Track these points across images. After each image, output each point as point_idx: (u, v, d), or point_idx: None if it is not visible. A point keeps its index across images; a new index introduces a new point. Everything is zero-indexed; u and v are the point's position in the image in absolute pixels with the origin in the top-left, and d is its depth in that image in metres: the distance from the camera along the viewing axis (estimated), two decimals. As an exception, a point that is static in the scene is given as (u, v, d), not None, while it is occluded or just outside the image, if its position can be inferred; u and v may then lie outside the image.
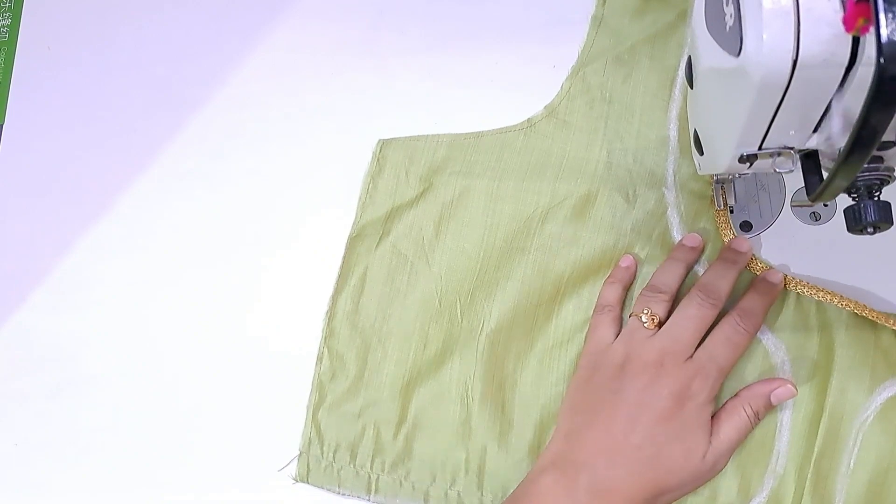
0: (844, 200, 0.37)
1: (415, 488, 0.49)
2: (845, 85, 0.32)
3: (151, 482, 0.52)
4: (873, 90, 0.28)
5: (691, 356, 0.45)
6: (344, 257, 0.54)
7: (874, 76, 0.27)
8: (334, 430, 0.50)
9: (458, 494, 0.48)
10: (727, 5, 0.34)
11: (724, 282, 0.47)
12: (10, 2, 0.66)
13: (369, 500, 0.49)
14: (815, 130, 0.36)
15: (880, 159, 0.36)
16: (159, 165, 0.59)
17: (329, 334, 0.53)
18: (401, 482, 0.49)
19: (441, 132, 0.56)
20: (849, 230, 0.37)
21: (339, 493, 0.50)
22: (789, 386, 0.46)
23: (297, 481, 0.50)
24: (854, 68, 0.31)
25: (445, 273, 0.52)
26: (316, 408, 0.51)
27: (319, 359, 0.52)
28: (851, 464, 0.45)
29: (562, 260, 0.51)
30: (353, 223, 0.55)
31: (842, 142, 0.33)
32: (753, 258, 0.49)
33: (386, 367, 0.51)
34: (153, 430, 0.53)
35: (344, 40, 0.60)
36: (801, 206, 0.51)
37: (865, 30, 0.28)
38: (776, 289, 0.48)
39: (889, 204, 0.36)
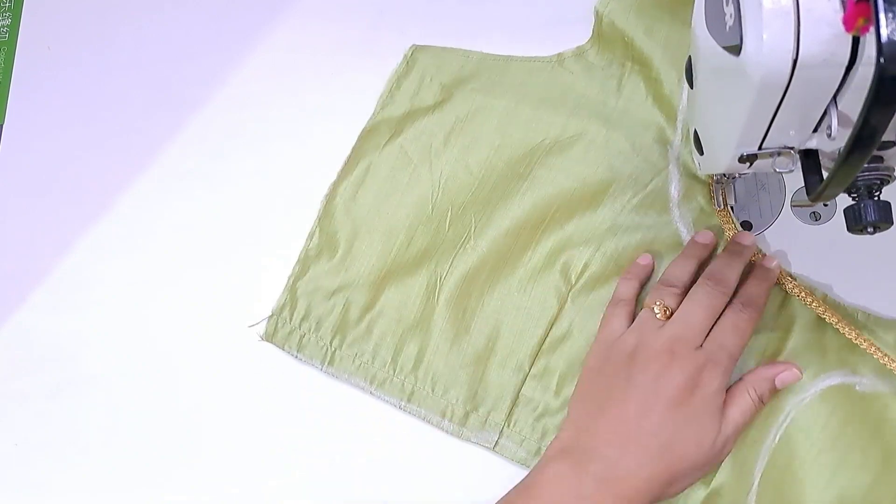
0: (844, 200, 0.37)
1: (365, 369, 0.52)
2: (845, 85, 0.32)
3: (151, 482, 0.52)
4: (873, 90, 0.28)
5: (701, 345, 0.45)
6: (353, 148, 0.56)
7: (874, 76, 0.27)
8: (306, 300, 0.53)
9: (402, 382, 0.51)
10: (727, 5, 0.34)
11: (731, 271, 0.47)
12: (10, 2, 0.66)
13: (322, 370, 0.52)
14: (815, 130, 0.36)
15: (880, 159, 0.36)
16: (159, 165, 0.59)
17: (324, 215, 0.55)
18: (353, 359, 0.52)
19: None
20: (849, 230, 0.37)
21: (296, 358, 0.53)
22: (794, 370, 0.46)
23: (262, 339, 0.53)
24: (854, 68, 0.31)
25: (444, 182, 0.54)
26: (296, 278, 0.54)
27: (310, 236, 0.55)
28: (776, 438, 0.46)
29: (555, 192, 0.53)
30: (370, 117, 0.57)
31: (842, 142, 0.33)
32: (729, 217, 0.50)
33: (368, 256, 0.54)
34: (153, 430, 0.53)
35: (344, 40, 0.60)
36: (801, 206, 0.51)
37: (865, 30, 0.28)
38: (773, 273, 0.48)
39: (889, 204, 0.36)
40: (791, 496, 0.45)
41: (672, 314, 0.46)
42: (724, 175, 0.49)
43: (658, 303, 0.47)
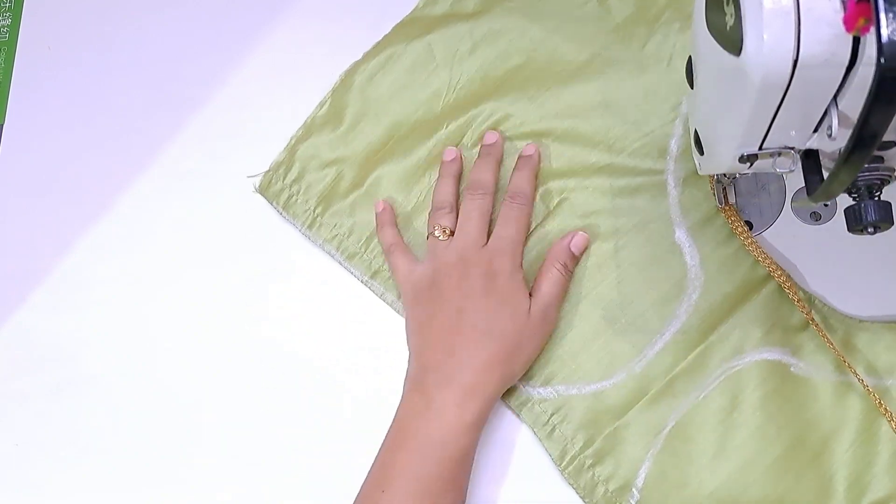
0: (844, 200, 0.37)
1: (340, 240, 0.55)
2: (846, 85, 0.32)
3: (151, 482, 0.52)
4: (874, 90, 0.28)
5: (486, 244, 0.50)
6: (385, 35, 0.58)
7: (874, 76, 0.27)
8: (302, 164, 0.56)
9: (371, 261, 0.54)
10: (727, 5, 0.34)
11: (486, 173, 0.52)
12: (10, 2, 0.66)
13: (301, 231, 0.55)
14: (815, 130, 0.36)
15: (881, 159, 0.36)
16: (159, 165, 0.59)
17: (339, 87, 0.57)
18: (331, 229, 0.55)
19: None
20: (849, 230, 0.37)
21: (280, 214, 0.56)
22: (582, 233, 0.51)
23: (256, 191, 0.56)
24: (854, 68, 0.31)
25: (459, 88, 0.56)
26: (298, 141, 0.57)
27: (321, 104, 0.57)
28: (700, 397, 0.48)
29: (555, 116, 0.54)
30: (410, 11, 0.59)
31: (842, 142, 0.33)
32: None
33: (370, 137, 0.56)
34: (153, 430, 0.53)
35: (344, 40, 0.60)
36: (801, 206, 0.51)
37: (866, 30, 0.28)
38: (533, 159, 0.53)
39: (889, 204, 0.36)
40: (699, 446, 0.47)
41: (451, 231, 0.50)
42: (725, 175, 0.49)
43: (437, 227, 0.51)
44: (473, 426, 0.46)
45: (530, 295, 0.49)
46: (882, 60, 0.27)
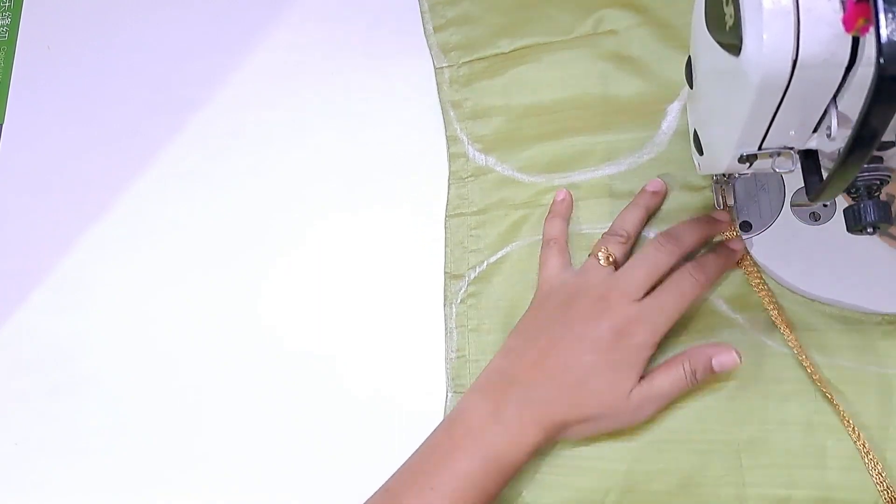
0: (844, 200, 0.37)
1: None
2: (845, 85, 0.32)
3: (151, 482, 0.52)
4: (873, 90, 0.28)
5: (641, 299, 0.46)
6: None
7: (874, 76, 0.27)
8: None
9: None
10: (727, 5, 0.34)
11: (689, 234, 0.48)
12: (10, 2, 0.66)
13: None
14: (815, 130, 0.36)
15: (880, 159, 0.36)
16: (159, 165, 0.59)
17: None
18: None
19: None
20: (849, 230, 0.38)
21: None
22: (734, 355, 0.45)
23: None
24: (854, 68, 0.32)
25: None
26: None
27: None
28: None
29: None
30: None
31: (841, 142, 0.33)
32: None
33: None
34: (153, 430, 0.53)
35: (344, 40, 0.60)
36: (801, 206, 0.51)
37: (865, 30, 0.28)
38: (734, 255, 0.49)
39: (888, 204, 0.36)
40: None
41: (616, 262, 0.48)
42: (724, 175, 0.49)
43: (603, 250, 0.48)
44: (529, 453, 0.45)
45: (642, 377, 0.45)
46: (881, 60, 0.27)
